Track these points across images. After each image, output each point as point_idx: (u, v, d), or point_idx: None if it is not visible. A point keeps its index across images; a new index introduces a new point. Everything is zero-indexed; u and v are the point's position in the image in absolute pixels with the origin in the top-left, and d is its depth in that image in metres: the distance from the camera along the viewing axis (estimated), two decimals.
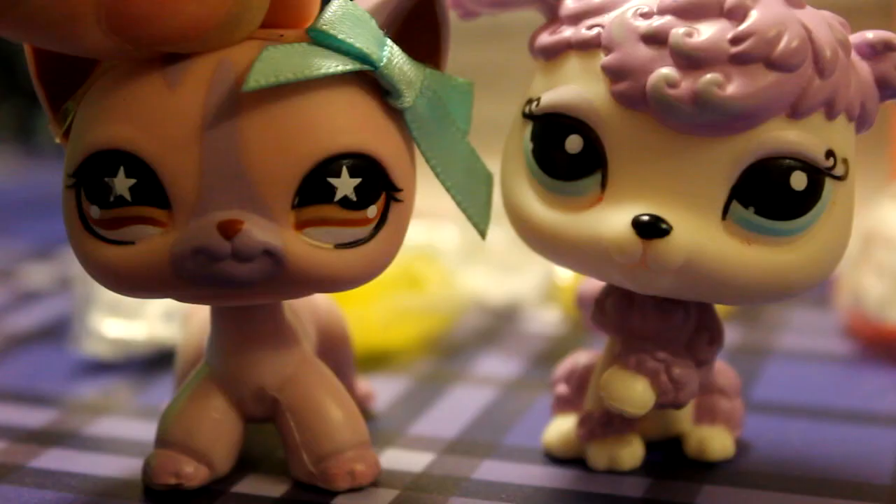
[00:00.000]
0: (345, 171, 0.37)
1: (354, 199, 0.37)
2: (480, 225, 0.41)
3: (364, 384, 0.49)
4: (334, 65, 0.37)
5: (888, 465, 0.43)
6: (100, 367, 0.54)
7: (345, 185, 0.37)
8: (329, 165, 0.37)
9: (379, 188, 0.38)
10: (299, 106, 0.37)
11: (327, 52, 0.37)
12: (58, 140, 0.40)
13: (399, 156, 0.39)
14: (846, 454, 0.44)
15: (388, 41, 0.38)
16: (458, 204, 0.40)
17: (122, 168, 0.37)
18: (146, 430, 0.46)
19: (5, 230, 0.78)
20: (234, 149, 0.36)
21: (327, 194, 0.37)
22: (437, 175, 0.40)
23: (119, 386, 0.52)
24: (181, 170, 0.36)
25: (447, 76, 0.40)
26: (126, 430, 0.47)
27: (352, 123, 0.37)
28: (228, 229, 0.36)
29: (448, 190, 0.40)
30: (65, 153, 0.39)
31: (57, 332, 0.59)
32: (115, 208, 0.37)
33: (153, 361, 0.54)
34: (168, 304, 0.55)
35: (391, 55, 0.38)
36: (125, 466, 0.43)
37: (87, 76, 0.39)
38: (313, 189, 0.37)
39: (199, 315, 0.45)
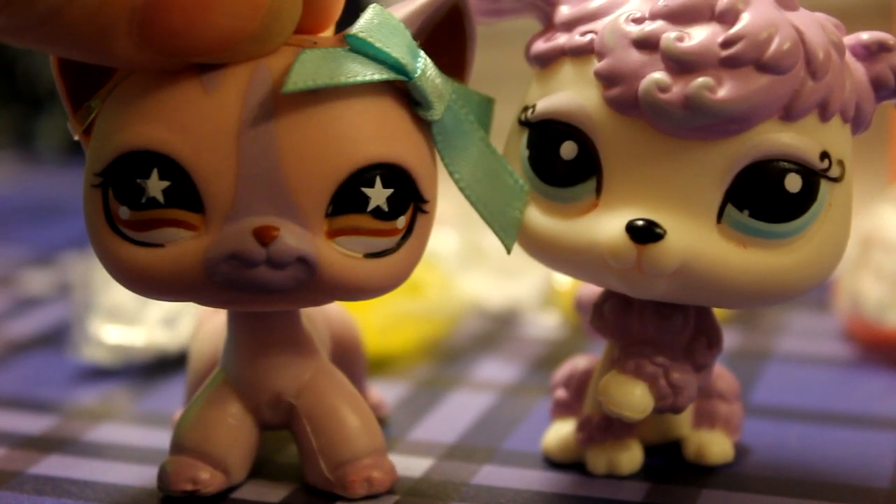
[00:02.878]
0: (378, 181, 0.37)
1: (386, 209, 0.37)
2: (506, 240, 0.40)
3: (375, 392, 0.49)
4: (370, 73, 0.37)
5: (887, 468, 0.43)
6: (99, 374, 0.54)
7: (378, 195, 0.37)
8: (363, 175, 0.37)
9: (409, 199, 0.38)
10: (335, 114, 0.37)
11: (363, 60, 0.37)
12: (76, 137, 0.39)
13: (427, 167, 0.39)
14: (845, 458, 0.44)
15: (422, 52, 0.38)
16: (484, 218, 0.40)
17: (155, 170, 0.36)
18: (146, 437, 0.47)
19: (4, 236, 0.78)
20: (271, 155, 0.36)
21: (361, 204, 0.37)
22: (460, 189, 0.39)
23: (118, 392, 0.52)
24: (217, 174, 0.36)
25: (470, 90, 0.40)
26: (125, 436, 0.47)
27: (386, 133, 0.37)
28: (264, 236, 0.36)
29: (473, 204, 0.40)
30: (84, 154, 0.38)
31: (56, 338, 0.58)
32: (146, 210, 0.37)
33: (152, 367, 0.54)
34: (167, 309, 0.55)
35: (425, 66, 0.38)
36: (125, 473, 0.43)
37: (112, 73, 0.38)
38: (347, 198, 0.37)
39: (213, 322, 0.45)
